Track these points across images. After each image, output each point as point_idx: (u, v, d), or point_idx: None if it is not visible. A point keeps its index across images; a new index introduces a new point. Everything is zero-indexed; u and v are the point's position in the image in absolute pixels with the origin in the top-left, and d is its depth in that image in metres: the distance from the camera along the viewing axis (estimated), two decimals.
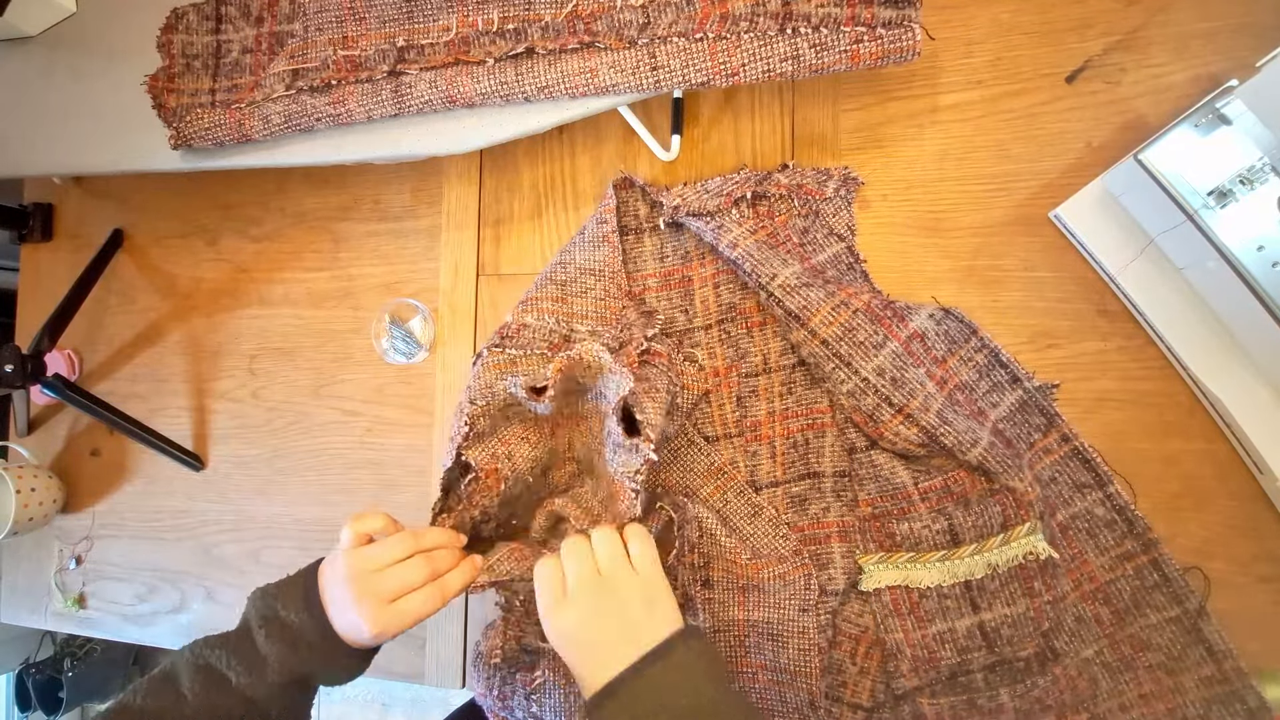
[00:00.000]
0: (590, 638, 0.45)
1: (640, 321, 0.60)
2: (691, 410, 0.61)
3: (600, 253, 0.62)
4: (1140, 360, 0.55)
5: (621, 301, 0.61)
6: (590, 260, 0.62)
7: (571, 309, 0.61)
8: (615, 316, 0.61)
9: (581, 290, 0.62)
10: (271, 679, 0.45)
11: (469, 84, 0.57)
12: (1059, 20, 0.57)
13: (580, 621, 0.45)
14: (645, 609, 0.46)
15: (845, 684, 0.56)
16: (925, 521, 0.55)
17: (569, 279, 0.62)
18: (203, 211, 0.83)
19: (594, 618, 0.45)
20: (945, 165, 0.60)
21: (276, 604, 0.47)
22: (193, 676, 0.45)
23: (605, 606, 0.45)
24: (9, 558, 0.88)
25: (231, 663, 0.45)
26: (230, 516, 0.79)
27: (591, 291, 0.61)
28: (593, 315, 0.61)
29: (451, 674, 0.69)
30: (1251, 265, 0.46)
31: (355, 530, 0.49)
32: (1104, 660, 0.53)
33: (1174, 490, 0.54)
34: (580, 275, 0.62)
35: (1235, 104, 0.46)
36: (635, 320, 0.60)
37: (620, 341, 0.58)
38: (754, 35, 0.52)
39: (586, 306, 0.61)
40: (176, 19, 0.71)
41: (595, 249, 0.63)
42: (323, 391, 0.77)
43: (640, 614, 0.45)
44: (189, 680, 0.45)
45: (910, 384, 0.54)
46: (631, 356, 0.55)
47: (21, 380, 0.73)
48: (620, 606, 0.45)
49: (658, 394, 0.53)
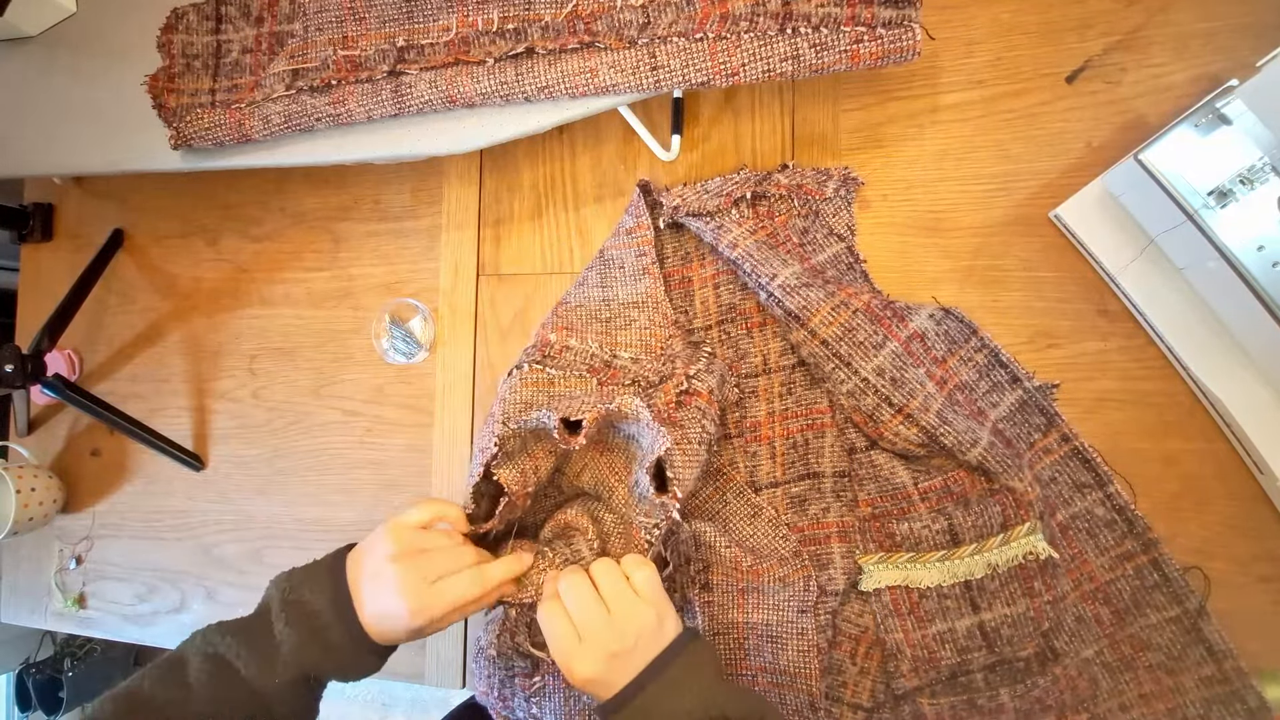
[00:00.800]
0: (616, 679, 0.45)
1: (685, 354, 0.59)
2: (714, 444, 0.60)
3: (642, 285, 0.62)
4: (1140, 360, 0.55)
5: (668, 331, 0.61)
6: (633, 294, 0.62)
7: (616, 339, 0.61)
8: (661, 345, 0.60)
9: (625, 323, 0.61)
10: (281, 673, 0.44)
11: (469, 84, 0.57)
12: (1059, 20, 0.57)
13: (604, 665, 0.45)
14: (657, 632, 0.46)
15: (845, 684, 0.56)
16: (925, 521, 0.55)
17: (613, 315, 0.62)
18: (203, 211, 0.83)
19: (616, 659, 0.45)
20: (945, 165, 0.60)
21: (303, 587, 0.46)
22: (200, 665, 0.44)
23: (623, 643, 0.45)
24: (9, 558, 0.88)
25: (241, 652, 0.44)
26: (230, 516, 0.79)
27: (636, 323, 0.61)
28: (637, 344, 0.60)
29: (452, 674, 0.69)
30: (1252, 265, 0.46)
31: (431, 512, 0.49)
32: (1104, 660, 0.53)
33: (1174, 490, 0.54)
34: (624, 310, 0.62)
35: (1235, 104, 0.46)
36: (680, 353, 0.59)
37: (661, 376, 0.57)
38: (754, 35, 0.52)
39: (631, 337, 0.61)
40: (176, 19, 0.71)
41: (637, 282, 0.62)
42: (323, 391, 0.77)
43: (654, 640, 0.46)
44: (196, 669, 0.44)
45: (910, 384, 0.54)
46: (670, 396, 0.54)
47: (22, 380, 0.73)
48: (636, 638, 0.45)
49: (690, 446, 0.52)
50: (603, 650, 0.45)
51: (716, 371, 0.58)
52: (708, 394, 0.55)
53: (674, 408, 0.54)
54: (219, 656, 0.44)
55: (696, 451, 0.53)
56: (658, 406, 0.54)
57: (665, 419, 0.53)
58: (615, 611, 0.46)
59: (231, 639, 0.45)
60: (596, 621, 0.46)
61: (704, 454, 0.53)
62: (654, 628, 0.46)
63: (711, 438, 0.55)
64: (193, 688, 0.43)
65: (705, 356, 0.59)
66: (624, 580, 0.48)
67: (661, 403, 0.54)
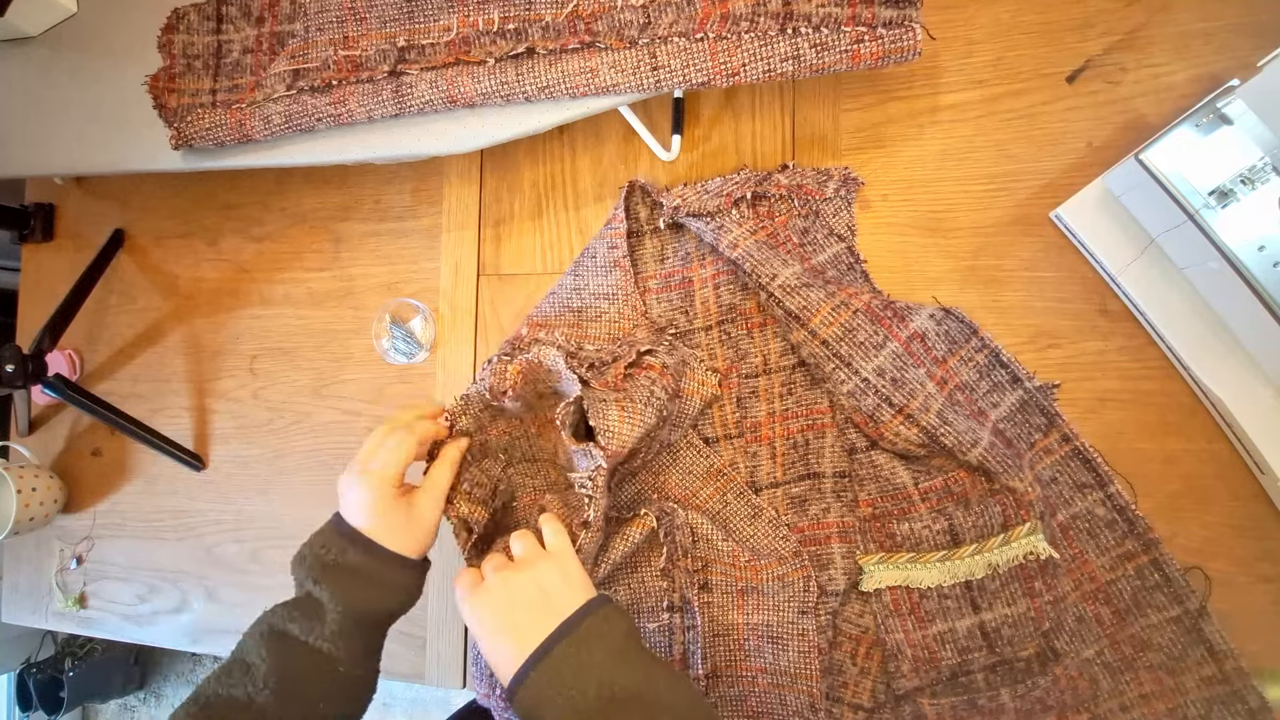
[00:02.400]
0: (510, 621, 0.44)
1: (646, 339, 0.60)
2: (698, 417, 0.61)
3: (612, 277, 0.63)
4: (1141, 360, 0.55)
5: (634, 322, 0.62)
6: (603, 285, 0.63)
7: (585, 332, 0.62)
8: (626, 336, 0.61)
9: (596, 315, 0.63)
10: (331, 622, 0.45)
11: (470, 84, 0.58)
12: (1060, 20, 0.57)
13: (497, 606, 0.45)
14: (563, 583, 0.46)
15: (846, 684, 0.56)
16: (925, 522, 0.55)
17: (584, 305, 0.63)
18: (203, 211, 0.83)
19: (510, 599, 0.45)
20: (946, 165, 0.60)
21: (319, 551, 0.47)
22: (259, 644, 0.45)
23: (520, 586, 0.45)
24: (10, 558, 0.89)
25: (293, 615, 0.45)
26: (231, 516, 0.79)
27: (605, 315, 0.62)
28: (604, 336, 0.62)
29: (452, 674, 0.69)
30: (1253, 265, 0.46)
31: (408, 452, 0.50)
32: (1105, 660, 0.53)
33: (1175, 490, 0.54)
34: (595, 301, 0.63)
35: (1236, 103, 0.46)
36: (642, 339, 0.60)
37: (615, 356, 0.58)
38: (755, 35, 0.52)
39: (600, 329, 0.62)
40: (177, 19, 0.71)
41: (607, 274, 0.63)
42: (323, 391, 0.77)
43: (559, 587, 0.45)
44: (256, 651, 0.45)
45: (910, 384, 0.54)
46: (619, 369, 0.55)
47: (23, 380, 0.73)
48: (536, 584, 0.45)
49: (632, 405, 0.53)
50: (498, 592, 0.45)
51: (678, 356, 0.59)
52: (660, 367, 0.56)
53: (621, 379, 0.55)
54: (272, 629, 0.45)
55: (640, 411, 0.53)
56: (607, 379, 0.54)
57: (611, 387, 0.54)
58: (518, 558, 0.48)
59: (280, 610, 0.46)
60: (499, 566, 0.47)
61: (651, 416, 0.53)
62: (558, 575, 0.46)
63: (662, 404, 0.55)
64: (258, 667, 0.44)
65: (667, 342, 0.59)
66: (533, 538, 0.49)
67: (611, 374, 0.55)
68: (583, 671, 0.41)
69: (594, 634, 0.43)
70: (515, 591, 0.45)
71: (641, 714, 0.40)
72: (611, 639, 0.43)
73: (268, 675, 0.43)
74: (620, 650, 0.43)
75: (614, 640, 0.43)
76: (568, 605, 0.44)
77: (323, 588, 0.45)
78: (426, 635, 0.70)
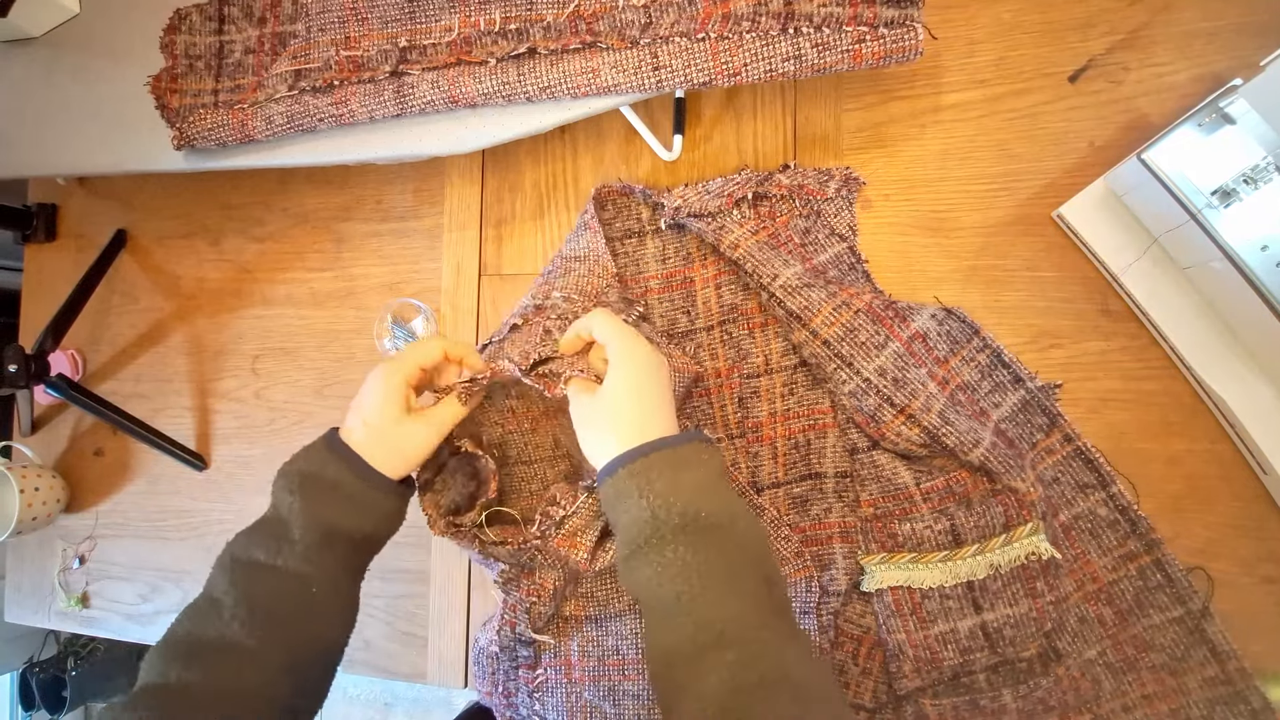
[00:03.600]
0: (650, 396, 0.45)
1: (616, 305, 0.59)
2: (685, 397, 0.61)
3: (583, 239, 0.63)
4: (1143, 360, 0.55)
5: (606, 281, 0.61)
6: (574, 249, 0.63)
7: (553, 285, 0.61)
8: (596, 293, 0.60)
9: (564, 272, 0.62)
10: (300, 539, 0.43)
11: (471, 84, 0.58)
12: (1062, 19, 0.57)
13: (647, 371, 0.46)
14: (666, 401, 0.47)
15: (848, 685, 0.56)
16: (927, 522, 0.55)
17: (554, 269, 0.63)
18: (205, 212, 0.83)
19: (649, 378, 0.46)
20: (947, 165, 0.60)
21: (301, 464, 0.46)
22: (222, 576, 0.43)
23: (654, 370, 0.47)
24: (13, 557, 0.89)
25: (256, 540, 0.44)
26: (233, 516, 0.80)
27: (574, 272, 0.61)
28: (572, 287, 0.60)
29: (454, 673, 0.69)
30: (1255, 265, 0.46)
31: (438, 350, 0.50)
32: (1107, 661, 0.53)
33: (1177, 490, 0.54)
34: (565, 262, 0.63)
35: (1239, 103, 0.46)
36: (613, 302, 0.59)
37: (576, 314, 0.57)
38: (756, 35, 0.52)
39: (568, 282, 0.60)
40: (179, 20, 0.71)
41: (578, 238, 0.64)
42: (325, 391, 0.77)
43: (664, 405, 0.46)
44: (220, 583, 0.43)
45: (912, 384, 0.54)
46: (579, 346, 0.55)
47: (25, 380, 0.73)
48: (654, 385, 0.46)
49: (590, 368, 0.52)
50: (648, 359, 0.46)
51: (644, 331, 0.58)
52: None
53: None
54: (235, 559, 0.44)
55: None
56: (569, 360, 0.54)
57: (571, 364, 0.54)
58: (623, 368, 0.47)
59: (242, 538, 0.45)
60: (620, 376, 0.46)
61: None
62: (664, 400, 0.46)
63: None
64: (223, 601, 0.42)
65: (637, 313, 0.59)
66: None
67: None
68: (673, 489, 0.41)
69: (692, 459, 0.43)
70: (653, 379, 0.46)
71: (717, 544, 0.40)
72: (709, 468, 0.43)
73: (235, 606, 0.42)
74: (713, 482, 0.43)
75: (710, 471, 0.43)
76: (669, 427, 0.45)
77: (295, 499, 0.44)
78: (428, 635, 0.70)
